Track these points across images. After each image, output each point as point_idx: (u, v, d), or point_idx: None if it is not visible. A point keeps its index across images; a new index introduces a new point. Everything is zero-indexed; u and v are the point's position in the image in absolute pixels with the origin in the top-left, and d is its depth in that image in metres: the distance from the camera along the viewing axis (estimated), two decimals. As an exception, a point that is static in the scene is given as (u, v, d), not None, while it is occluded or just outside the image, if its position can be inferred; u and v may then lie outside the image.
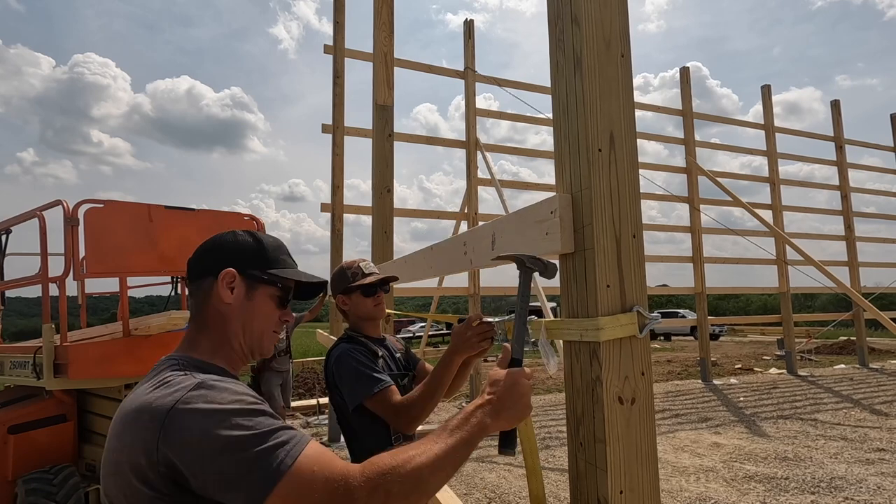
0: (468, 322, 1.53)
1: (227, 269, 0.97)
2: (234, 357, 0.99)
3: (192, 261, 1.01)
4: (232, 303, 0.97)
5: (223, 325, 0.98)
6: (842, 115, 12.41)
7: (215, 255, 0.98)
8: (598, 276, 1.16)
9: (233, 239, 1.01)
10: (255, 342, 1.01)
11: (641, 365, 1.18)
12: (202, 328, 0.98)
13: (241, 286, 0.98)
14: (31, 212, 3.62)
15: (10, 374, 3.80)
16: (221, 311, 0.97)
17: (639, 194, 1.23)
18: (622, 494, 1.11)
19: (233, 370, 0.98)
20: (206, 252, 1.00)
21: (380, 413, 1.60)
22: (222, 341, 0.98)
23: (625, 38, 1.26)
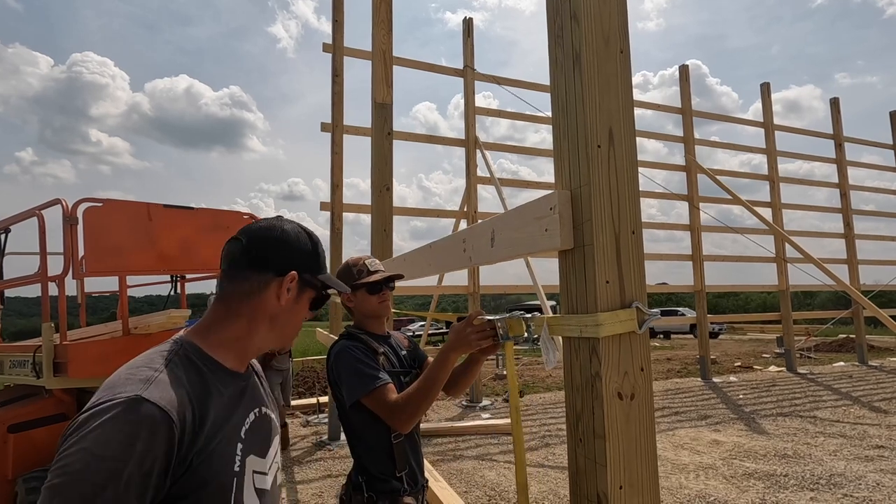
0: (468, 319, 1.53)
1: (293, 272, 0.95)
2: (247, 354, 0.97)
3: (250, 249, 0.94)
4: (283, 305, 0.95)
5: (259, 321, 0.94)
6: (841, 113, 12.41)
7: (282, 253, 0.95)
8: (597, 273, 1.16)
9: (296, 238, 0.98)
10: (284, 341, 1.01)
11: (641, 361, 1.18)
12: (233, 318, 0.93)
13: (294, 289, 0.96)
14: (29, 211, 3.62)
15: (10, 373, 3.80)
16: (268, 309, 0.94)
17: (638, 191, 1.23)
18: (622, 490, 1.12)
19: (238, 366, 0.95)
20: (270, 246, 0.95)
21: (376, 411, 1.60)
22: (247, 337, 0.95)
23: (624, 34, 1.26)
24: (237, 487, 0.85)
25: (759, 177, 11.57)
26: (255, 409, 0.96)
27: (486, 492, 4.39)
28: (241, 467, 0.86)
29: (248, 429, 0.91)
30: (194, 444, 0.79)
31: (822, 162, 12.53)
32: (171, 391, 0.78)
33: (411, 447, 1.73)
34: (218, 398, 0.86)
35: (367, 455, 1.67)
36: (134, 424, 0.71)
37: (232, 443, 0.86)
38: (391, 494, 1.63)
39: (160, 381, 0.78)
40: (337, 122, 6.58)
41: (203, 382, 0.85)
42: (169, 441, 0.74)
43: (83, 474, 0.67)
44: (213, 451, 0.81)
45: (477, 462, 5.21)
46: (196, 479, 0.78)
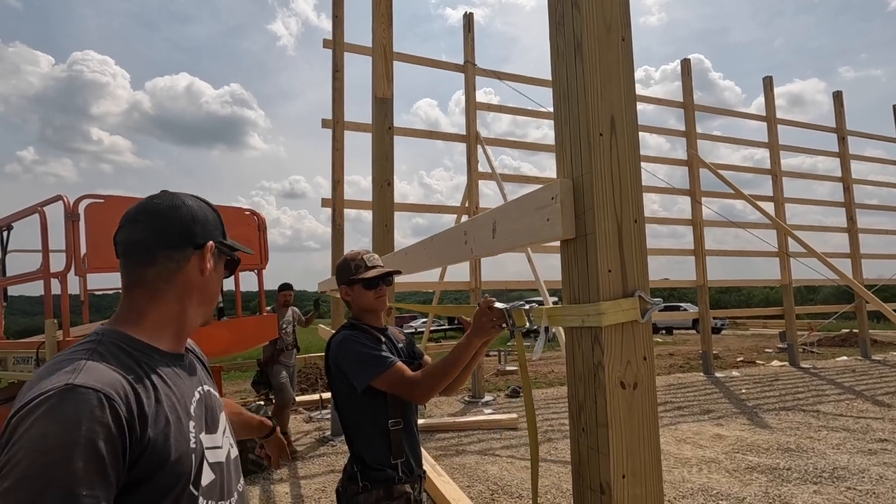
0: (483, 307, 1.52)
1: (209, 242, 0.95)
2: (184, 332, 0.96)
3: (163, 230, 0.91)
4: (206, 275, 0.95)
5: (187, 298, 0.94)
6: (844, 107, 12.34)
7: (195, 227, 0.94)
8: (599, 261, 1.16)
9: (202, 210, 0.97)
10: (209, 311, 1.01)
11: (644, 350, 1.18)
12: (160, 300, 0.91)
13: (213, 259, 0.97)
14: (31, 207, 3.62)
15: (14, 369, 3.80)
16: (194, 283, 0.93)
17: (640, 179, 1.23)
18: (624, 479, 1.11)
19: (176, 347, 0.94)
20: (182, 222, 0.93)
21: (392, 388, 1.61)
22: (180, 316, 0.94)
23: (625, 22, 1.25)
24: (196, 464, 0.84)
25: (761, 171, 11.52)
26: (199, 387, 0.95)
27: (489, 486, 4.39)
28: (196, 444, 0.86)
29: (196, 406, 0.90)
30: (144, 423, 0.76)
31: (825, 156, 12.48)
32: (102, 374, 0.75)
33: (408, 436, 1.73)
34: (158, 379, 0.84)
35: (363, 443, 1.68)
36: (72, 412, 0.68)
37: (184, 421, 0.85)
38: (386, 483, 1.63)
39: (88, 367, 0.75)
40: (338, 118, 6.57)
41: (138, 365, 0.83)
42: (115, 419, 0.71)
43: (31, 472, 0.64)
44: (168, 430, 0.80)
45: (479, 457, 5.22)
46: (156, 458, 0.77)
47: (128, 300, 0.91)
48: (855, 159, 12.41)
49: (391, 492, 1.63)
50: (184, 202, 0.95)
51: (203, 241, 0.94)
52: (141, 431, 0.75)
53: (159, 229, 0.91)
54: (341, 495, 1.71)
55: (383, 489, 1.63)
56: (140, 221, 0.92)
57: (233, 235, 1.08)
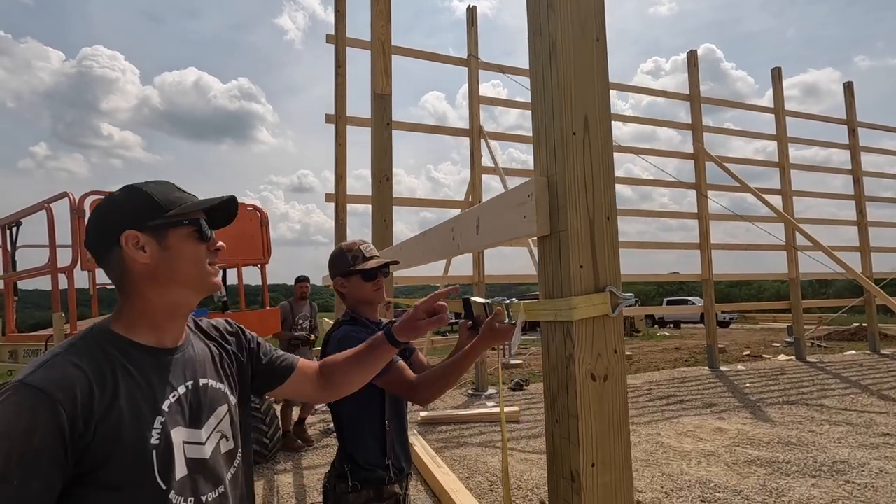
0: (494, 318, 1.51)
1: (126, 231, 0.92)
2: (159, 323, 0.96)
3: (88, 241, 0.97)
4: (150, 261, 0.93)
5: (142, 288, 0.94)
6: (855, 98, 12.16)
7: (108, 222, 0.94)
8: (571, 257, 1.19)
9: (115, 201, 0.96)
10: (195, 282, 0.98)
11: (614, 343, 1.21)
12: (127, 298, 0.95)
13: (150, 242, 0.93)
14: (38, 204, 3.72)
15: (24, 361, 3.92)
16: (142, 272, 0.94)
17: (613, 177, 1.26)
18: (594, 467, 1.15)
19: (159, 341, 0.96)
20: (97, 225, 0.95)
21: (392, 388, 1.60)
22: (146, 307, 0.95)
23: (600, 23, 1.27)
24: (160, 459, 0.87)
25: (769, 164, 11.40)
26: (188, 381, 0.97)
27: (488, 477, 4.45)
28: (160, 440, 0.88)
29: (175, 402, 0.92)
30: (90, 417, 0.81)
31: (835, 148, 12.31)
32: (59, 372, 0.81)
33: (399, 434, 1.73)
34: (125, 375, 0.88)
35: (355, 443, 1.67)
36: (16, 406, 0.77)
37: (146, 417, 0.87)
38: (376, 483, 1.63)
39: (52, 364, 0.82)
40: (340, 113, 6.61)
41: (109, 361, 0.87)
42: (53, 418, 0.77)
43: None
44: (119, 423, 0.83)
45: (480, 449, 5.28)
46: (103, 451, 0.81)
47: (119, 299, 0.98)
48: (865, 151, 12.23)
49: (381, 492, 1.63)
50: (102, 203, 0.98)
51: (121, 228, 0.92)
52: (84, 428, 0.80)
53: (89, 238, 0.97)
54: (329, 492, 1.69)
55: (373, 489, 1.62)
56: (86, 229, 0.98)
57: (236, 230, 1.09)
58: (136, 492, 0.84)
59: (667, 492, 3.99)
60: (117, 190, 0.99)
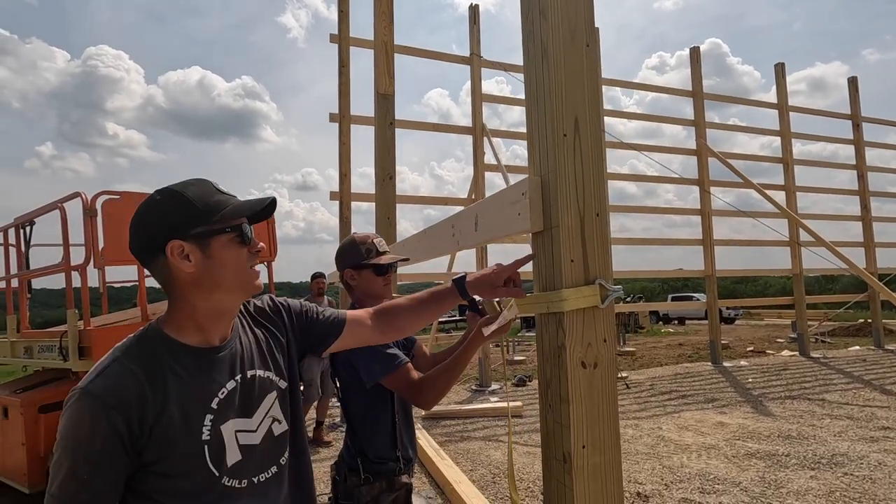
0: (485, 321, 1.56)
1: (171, 242, 0.94)
2: (205, 326, 1.00)
3: (133, 247, 0.98)
4: (194, 270, 0.95)
5: (189, 294, 0.97)
6: (859, 92, 12.11)
7: (151, 231, 0.95)
8: (562, 252, 1.26)
9: (157, 209, 0.96)
10: (238, 287, 1.01)
11: (604, 332, 1.28)
12: (174, 302, 1.00)
13: (194, 251, 0.95)
14: (52, 204, 3.81)
15: (39, 357, 4.03)
16: (187, 280, 0.96)
17: (603, 176, 1.32)
18: (584, 449, 1.22)
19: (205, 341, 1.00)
20: (142, 233, 0.97)
21: (397, 389, 1.60)
22: (193, 312, 0.99)
23: (590, 29, 1.34)
24: (212, 450, 0.95)
25: (772, 159, 11.40)
26: (236, 376, 1.02)
27: (491, 470, 4.54)
28: (211, 435, 0.95)
29: (224, 398, 0.99)
30: (144, 420, 0.89)
31: (839, 143, 12.28)
32: (114, 379, 0.90)
33: (406, 426, 1.77)
34: (175, 378, 0.94)
35: (367, 436, 1.68)
36: (78, 413, 0.88)
37: (196, 416, 0.94)
38: (387, 475, 1.66)
39: (109, 371, 0.91)
40: (344, 112, 6.68)
41: (159, 365, 0.94)
42: (110, 423, 0.87)
43: (57, 449, 0.88)
44: (171, 427, 0.91)
45: (483, 443, 5.36)
46: (159, 448, 0.90)
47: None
48: (870, 146, 12.19)
49: (392, 484, 1.66)
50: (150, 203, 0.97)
51: (167, 239, 0.94)
52: (140, 430, 0.89)
53: (134, 245, 0.98)
54: (339, 484, 1.70)
55: (385, 481, 1.65)
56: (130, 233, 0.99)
57: None
58: (191, 479, 0.94)
59: (666, 483, 4.06)
60: (158, 193, 0.98)
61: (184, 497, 0.94)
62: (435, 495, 4.00)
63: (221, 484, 0.96)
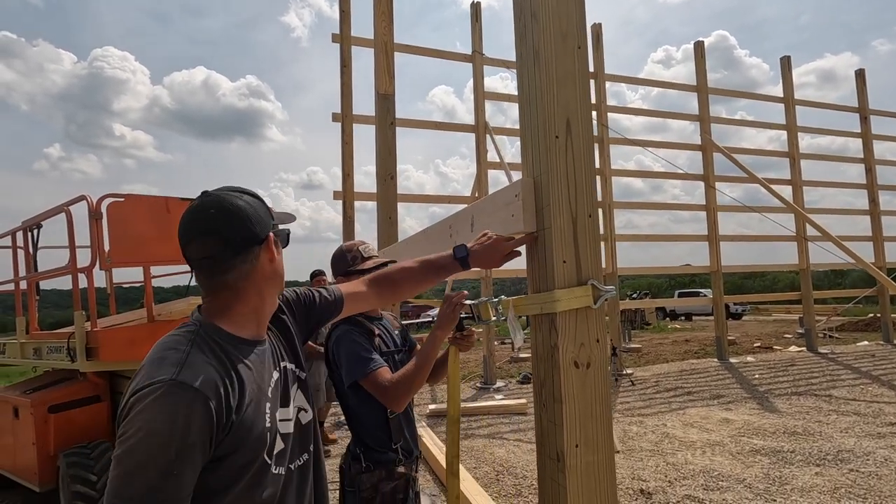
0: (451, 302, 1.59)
1: (269, 234, 1.03)
2: (265, 319, 1.07)
3: (231, 239, 0.99)
4: (277, 262, 1.05)
5: (265, 287, 1.04)
6: (867, 85, 11.97)
7: (255, 225, 1.01)
8: (555, 253, 1.27)
9: (253, 205, 1.03)
10: (280, 291, 1.12)
11: (596, 332, 1.29)
12: (244, 295, 1.02)
13: (277, 245, 1.07)
14: (58, 207, 3.86)
15: (48, 358, 4.09)
16: (266, 273, 1.03)
17: (594, 177, 1.33)
18: (577, 448, 1.24)
19: (258, 335, 1.06)
20: (245, 226, 1.00)
21: (372, 392, 1.68)
22: (262, 305, 1.05)
23: (581, 31, 1.35)
24: (270, 439, 0.98)
25: (779, 154, 11.30)
26: (277, 367, 1.08)
27: (495, 467, 4.55)
28: (272, 423, 1.00)
29: (273, 388, 1.04)
30: (230, 411, 0.90)
31: (846, 136, 12.15)
32: (201, 370, 0.89)
33: (406, 421, 1.84)
34: (245, 369, 0.97)
35: (364, 430, 1.78)
36: (172, 405, 0.84)
37: (262, 404, 0.98)
38: (386, 465, 1.75)
39: (190, 362, 0.89)
40: (346, 112, 6.70)
41: (229, 358, 0.96)
42: (206, 414, 0.86)
43: (139, 447, 0.81)
44: (248, 414, 0.94)
45: (487, 440, 5.38)
46: (237, 438, 0.91)
47: (215, 299, 1.02)
48: (878, 139, 12.06)
49: (392, 473, 1.75)
50: (235, 205, 1.00)
51: (264, 235, 1.02)
52: (226, 419, 0.89)
53: (227, 242, 0.98)
54: (345, 473, 1.81)
55: (384, 470, 1.75)
56: (206, 237, 0.99)
57: None
58: (250, 467, 0.95)
59: (670, 480, 4.06)
60: (238, 195, 1.03)
61: (240, 488, 0.93)
62: (439, 492, 4.03)
63: (270, 472, 0.99)
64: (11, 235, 4.59)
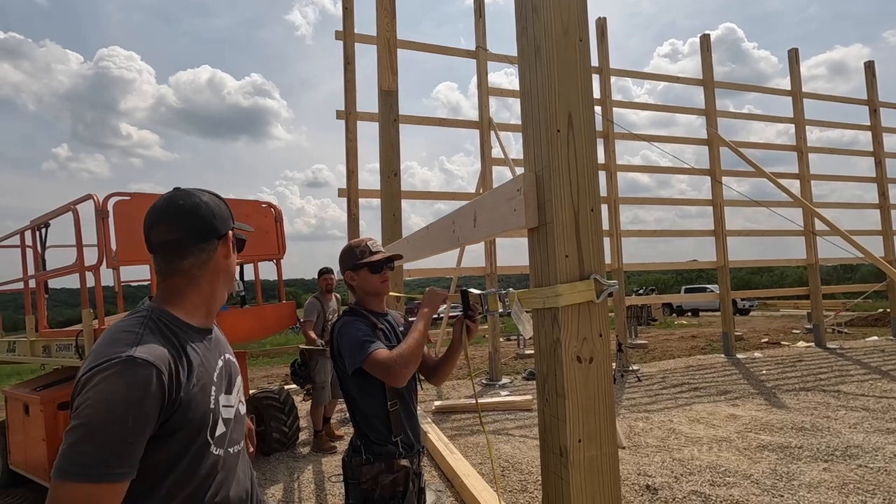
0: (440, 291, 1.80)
1: (228, 231, 1.14)
2: (214, 309, 1.16)
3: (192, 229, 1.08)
4: (229, 259, 1.15)
5: (216, 279, 1.13)
6: (876, 77, 11.81)
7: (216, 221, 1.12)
8: (557, 247, 1.27)
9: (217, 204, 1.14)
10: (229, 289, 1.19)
11: (599, 327, 1.29)
12: (196, 284, 1.11)
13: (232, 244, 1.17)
14: (65, 206, 3.90)
15: (57, 356, 4.13)
16: (220, 266, 1.13)
17: (597, 171, 1.32)
18: (580, 443, 1.24)
19: (206, 323, 1.14)
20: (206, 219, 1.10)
21: (374, 372, 1.70)
22: (212, 295, 1.14)
23: (583, 24, 1.34)
24: (213, 420, 1.05)
25: (786, 147, 11.19)
26: (222, 356, 1.16)
27: (501, 463, 4.56)
28: (215, 404, 1.07)
29: (218, 374, 1.11)
30: (179, 388, 0.97)
31: (855, 129, 12.01)
32: (153, 349, 0.95)
33: (406, 415, 1.86)
34: (192, 352, 1.05)
35: (365, 422, 1.81)
36: (130, 377, 0.90)
37: (208, 386, 1.06)
38: (387, 457, 1.77)
39: (143, 342, 0.96)
40: (350, 109, 6.70)
41: (178, 340, 1.03)
42: (158, 387, 0.92)
43: (96, 417, 0.86)
44: (195, 394, 1.01)
45: (493, 436, 5.38)
46: (184, 415, 0.98)
47: (167, 285, 1.10)
48: (887, 132, 11.91)
49: (392, 465, 1.77)
50: (202, 200, 1.12)
51: (224, 232, 1.13)
52: (175, 394, 0.96)
53: (190, 229, 1.08)
54: (347, 465, 1.85)
55: (384, 462, 1.77)
56: (172, 222, 1.08)
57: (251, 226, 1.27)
58: (193, 444, 1.01)
59: (676, 476, 4.05)
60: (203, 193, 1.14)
61: (183, 465, 0.99)
62: (444, 488, 4.04)
63: (210, 451, 1.05)
64: (20, 235, 4.63)
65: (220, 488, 1.06)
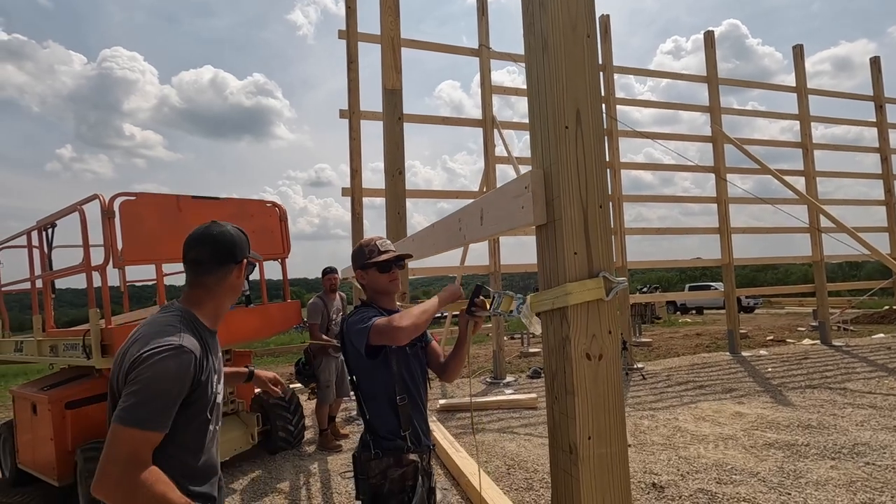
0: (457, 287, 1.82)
1: (243, 258, 1.46)
2: (220, 317, 1.48)
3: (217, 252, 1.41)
4: (239, 282, 1.47)
5: (226, 295, 1.47)
6: (882, 73, 11.74)
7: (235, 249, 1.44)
8: (566, 245, 1.26)
9: (238, 235, 1.47)
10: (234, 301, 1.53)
11: (608, 324, 1.28)
12: (213, 296, 1.44)
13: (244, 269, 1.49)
14: (71, 206, 3.91)
15: (64, 355, 4.15)
16: (232, 286, 1.47)
17: (605, 167, 1.32)
18: (590, 440, 1.23)
19: (214, 326, 1.46)
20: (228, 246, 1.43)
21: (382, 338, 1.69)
22: (221, 306, 1.48)
23: (591, 20, 1.33)
24: (213, 401, 1.37)
25: (791, 144, 11.13)
26: (219, 353, 1.48)
27: (506, 462, 4.56)
28: (213, 390, 1.38)
29: (218, 366, 1.44)
30: (201, 372, 1.30)
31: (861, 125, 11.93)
32: (192, 340, 1.30)
33: (415, 411, 1.87)
34: (208, 346, 1.37)
35: (375, 416, 1.82)
36: (178, 360, 1.23)
37: (212, 374, 1.37)
38: (395, 452, 1.78)
39: (185, 334, 1.29)
40: (353, 108, 6.70)
41: (201, 336, 1.36)
42: (194, 370, 1.26)
43: (153, 385, 1.19)
44: (207, 377, 1.33)
45: (498, 434, 5.39)
46: (199, 394, 1.30)
47: (193, 293, 1.43)
48: (894, 128, 11.83)
49: (400, 460, 1.78)
50: (230, 233, 1.46)
51: (241, 259, 1.47)
52: (198, 377, 1.29)
53: (217, 253, 1.42)
54: (357, 460, 1.87)
55: (393, 457, 1.78)
56: (205, 245, 1.42)
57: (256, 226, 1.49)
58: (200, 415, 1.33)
59: (682, 474, 4.04)
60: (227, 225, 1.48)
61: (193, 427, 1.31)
62: (450, 487, 4.04)
63: (210, 425, 1.38)
64: (27, 235, 4.66)
65: (208, 454, 1.38)
